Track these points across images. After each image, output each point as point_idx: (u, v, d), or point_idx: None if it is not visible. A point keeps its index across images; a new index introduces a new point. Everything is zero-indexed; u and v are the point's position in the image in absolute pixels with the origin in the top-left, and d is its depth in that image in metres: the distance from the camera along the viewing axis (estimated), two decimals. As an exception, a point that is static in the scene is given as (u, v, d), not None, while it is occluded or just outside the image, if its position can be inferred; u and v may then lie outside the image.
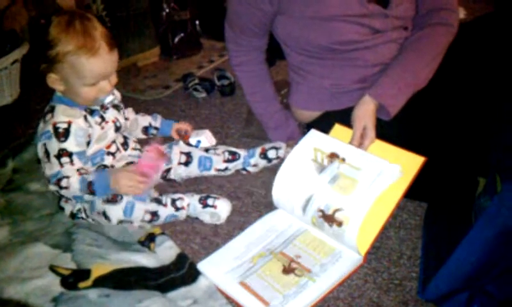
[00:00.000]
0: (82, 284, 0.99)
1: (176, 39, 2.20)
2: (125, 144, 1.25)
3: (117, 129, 1.20)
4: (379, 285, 0.98)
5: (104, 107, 1.17)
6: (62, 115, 1.09)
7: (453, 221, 1.04)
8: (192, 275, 1.01)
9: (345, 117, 1.18)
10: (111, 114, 1.19)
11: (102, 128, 1.15)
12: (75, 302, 0.96)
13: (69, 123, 1.08)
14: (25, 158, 1.45)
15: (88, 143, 1.13)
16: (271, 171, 1.31)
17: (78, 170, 1.09)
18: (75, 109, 1.11)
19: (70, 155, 1.08)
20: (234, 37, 1.32)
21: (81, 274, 1.02)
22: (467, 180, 1.09)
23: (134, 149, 1.27)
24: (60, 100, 1.12)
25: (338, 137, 1.15)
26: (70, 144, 1.08)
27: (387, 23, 1.17)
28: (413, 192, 1.05)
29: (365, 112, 1.13)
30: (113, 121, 1.19)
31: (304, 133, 1.40)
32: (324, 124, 1.25)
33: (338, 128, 1.20)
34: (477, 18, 1.31)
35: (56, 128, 1.08)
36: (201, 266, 1.03)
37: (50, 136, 1.07)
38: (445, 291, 0.89)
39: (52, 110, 1.11)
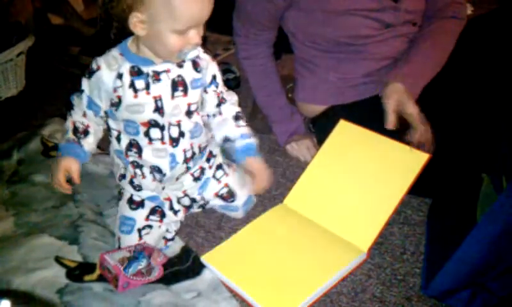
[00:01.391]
0: (87, 277, 1.00)
1: (182, 33, 2.19)
2: (175, 141, 1.02)
3: (157, 110, 0.98)
4: (382, 281, 0.98)
5: (156, 76, 0.97)
6: (103, 58, 0.98)
7: (457, 217, 1.04)
8: (196, 268, 1.02)
9: (350, 112, 1.18)
10: (159, 87, 0.97)
11: (135, 96, 0.96)
12: (80, 294, 0.96)
13: (98, 68, 0.97)
14: (30, 150, 1.45)
15: (118, 105, 0.98)
16: (275, 167, 1.31)
17: (85, 113, 1.02)
18: (123, 60, 0.97)
19: (81, 91, 1.01)
20: (243, 30, 1.31)
21: (87, 267, 1.02)
22: (471, 176, 1.09)
23: (191, 158, 1.05)
24: (121, 46, 0.99)
25: (343, 134, 1.15)
26: (86, 84, 1.00)
27: (398, 17, 1.17)
28: (417, 188, 1.05)
29: (394, 88, 1.10)
30: (154, 97, 0.97)
31: (309, 129, 1.40)
32: (328, 119, 1.25)
33: (343, 124, 1.19)
34: (484, 13, 1.31)
35: (90, 64, 0.99)
36: (205, 259, 1.04)
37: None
38: (449, 288, 0.90)
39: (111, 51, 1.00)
